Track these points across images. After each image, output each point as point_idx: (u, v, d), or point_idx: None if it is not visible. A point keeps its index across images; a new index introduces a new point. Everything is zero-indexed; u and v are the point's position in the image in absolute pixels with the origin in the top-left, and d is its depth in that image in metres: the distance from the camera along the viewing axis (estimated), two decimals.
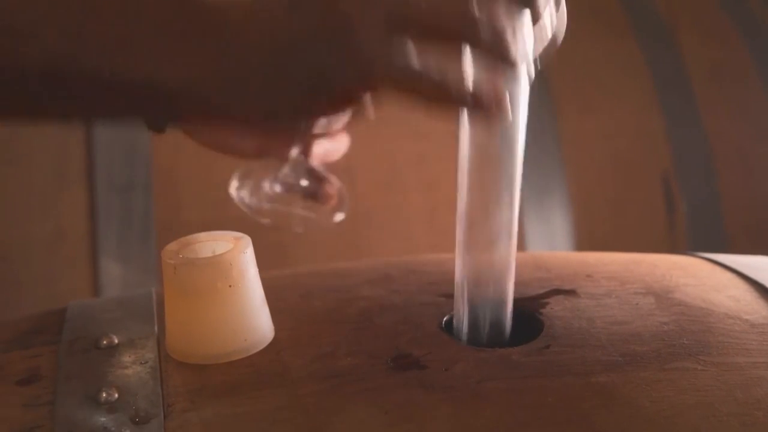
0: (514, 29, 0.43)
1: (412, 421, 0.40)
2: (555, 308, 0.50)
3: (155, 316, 0.51)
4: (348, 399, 0.42)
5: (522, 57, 0.44)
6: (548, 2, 0.46)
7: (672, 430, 0.40)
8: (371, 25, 0.43)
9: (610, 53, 1.27)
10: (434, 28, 0.43)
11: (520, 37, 0.44)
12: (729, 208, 1.25)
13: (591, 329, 0.47)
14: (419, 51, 0.43)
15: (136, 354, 0.47)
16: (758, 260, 0.59)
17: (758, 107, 1.29)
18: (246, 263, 0.46)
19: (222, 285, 0.46)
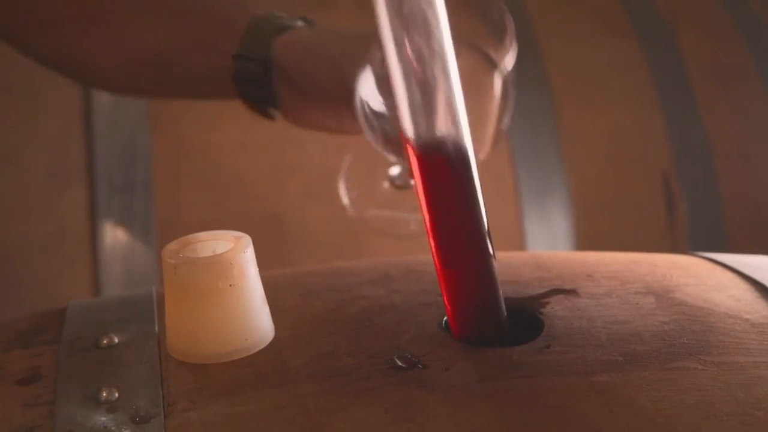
0: None
1: (412, 421, 0.40)
2: (555, 308, 0.50)
3: (155, 316, 0.51)
4: (348, 398, 0.42)
5: None
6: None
7: (672, 430, 0.40)
8: None
9: (610, 53, 1.27)
10: None
11: None
12: (729, 208, 1.25)
13: (591, 329, 0.47)
14: None
15: (137, 353, 0.47)
16: (759, 260, 0.59)
17: (759, 107, 1.29)
18: (246, 262, 0.46)
19: (222, 284, 0.46)
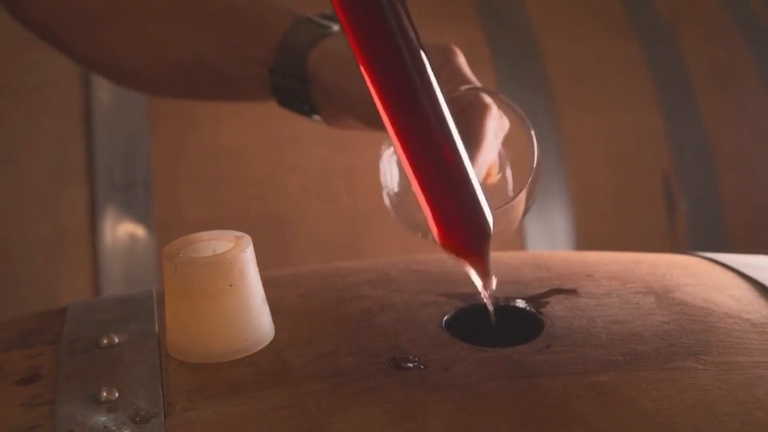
0: None
1: (412, 421, 0.40)
2: (555, 308, 0.50)
3: (156, 316, 0.51)
4: (348, 398, 0.42)
5: None
6: None
7: (672, 430, 0.40)
8: None
9: (610, 53, 1.27)
10: None
11: None
12: (729, 208, 1.25)
13: (591, 329, 0.47)
14: None
15: (137, 353, 0.47)
16: (759, 259, 0.59)
17: (759, 107, 1.29)
18: (246, 262, 0.46)
19: (223, 284, 0.46)
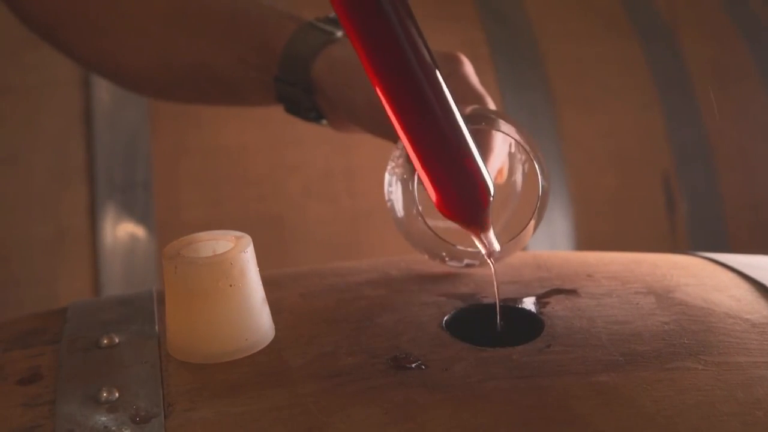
0: None
1: (412, 421, 0.40)
2: (556, 308, 0.50)
3: (156, 316, 0.51)
4: (348, 398, 0.42)
5: None
6: None
7: (672, 430, 0.40)
8: None
9: (611, 53, 1.27)
10: None
11: None
12: (730, 208, 1.25)
13: (592, 329, 0.47)
14: None
15: (137, 353, 0.47)
16: (759, 260, 0.59)
17: (759, 107, 1.29)
18: (247, 262, 0.46)
19: (223, 284, 0.45)
